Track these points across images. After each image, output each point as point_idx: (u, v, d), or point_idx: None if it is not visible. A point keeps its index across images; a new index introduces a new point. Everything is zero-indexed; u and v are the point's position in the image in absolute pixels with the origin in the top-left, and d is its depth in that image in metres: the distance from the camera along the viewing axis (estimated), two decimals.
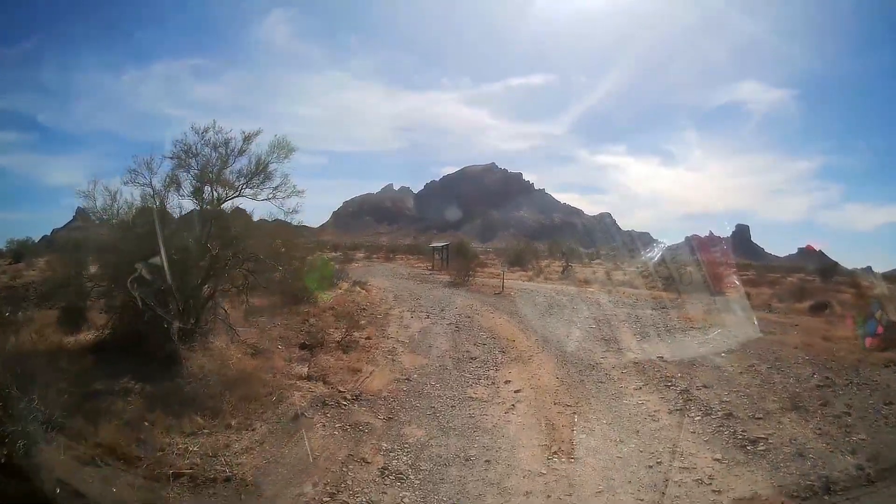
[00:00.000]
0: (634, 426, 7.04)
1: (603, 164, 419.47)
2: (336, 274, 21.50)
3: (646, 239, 54.23)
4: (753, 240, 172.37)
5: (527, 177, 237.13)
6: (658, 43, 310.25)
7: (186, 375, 8.15)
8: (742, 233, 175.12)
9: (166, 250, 8.68)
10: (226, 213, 9.88)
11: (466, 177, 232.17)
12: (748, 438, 6.50)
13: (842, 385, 8.43)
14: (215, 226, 9.43)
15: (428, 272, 30.67)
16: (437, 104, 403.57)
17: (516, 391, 8.49)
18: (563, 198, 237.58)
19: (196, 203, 9.53)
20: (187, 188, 9.65)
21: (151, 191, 9.34)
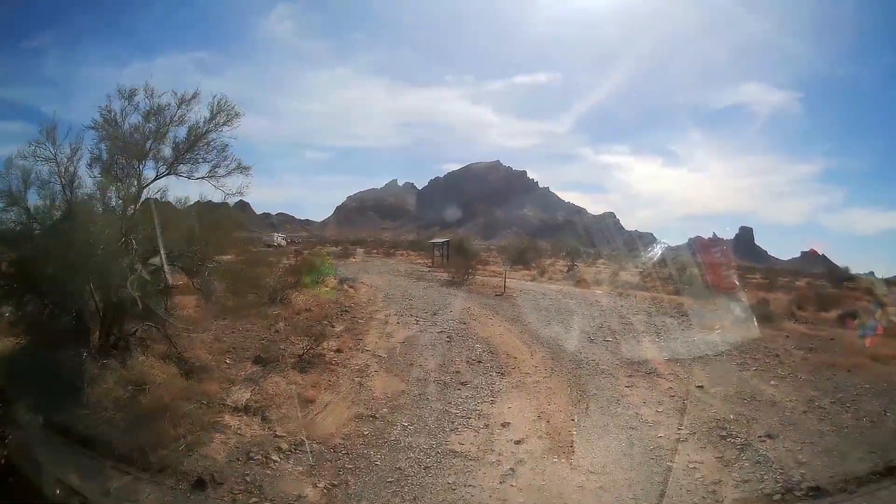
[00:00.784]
0: None
1: (606, 163, 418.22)
2: (326, 270, 19.81)
3: (649, 239, 52.80)
4: (756, 242, 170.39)
5: (530, 175, 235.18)
6: (662, 43, 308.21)
7: (89, 405, 6.34)
8: (745, 235, 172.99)
9: (79, 243, 6.82)
10: (152, 198, 7.84)
11: (470, 174, 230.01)
12: None
13: None
14: (138, 214, 7.47)
15: (427, 269, 28.86)
16: (441, 101, 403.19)
17: (517, 441, 6.40)
18: (566, 196, 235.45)
19: (118, 184, 7.56)
20: (111, 166, 7.70)
21: (56, 167, 7.29)
